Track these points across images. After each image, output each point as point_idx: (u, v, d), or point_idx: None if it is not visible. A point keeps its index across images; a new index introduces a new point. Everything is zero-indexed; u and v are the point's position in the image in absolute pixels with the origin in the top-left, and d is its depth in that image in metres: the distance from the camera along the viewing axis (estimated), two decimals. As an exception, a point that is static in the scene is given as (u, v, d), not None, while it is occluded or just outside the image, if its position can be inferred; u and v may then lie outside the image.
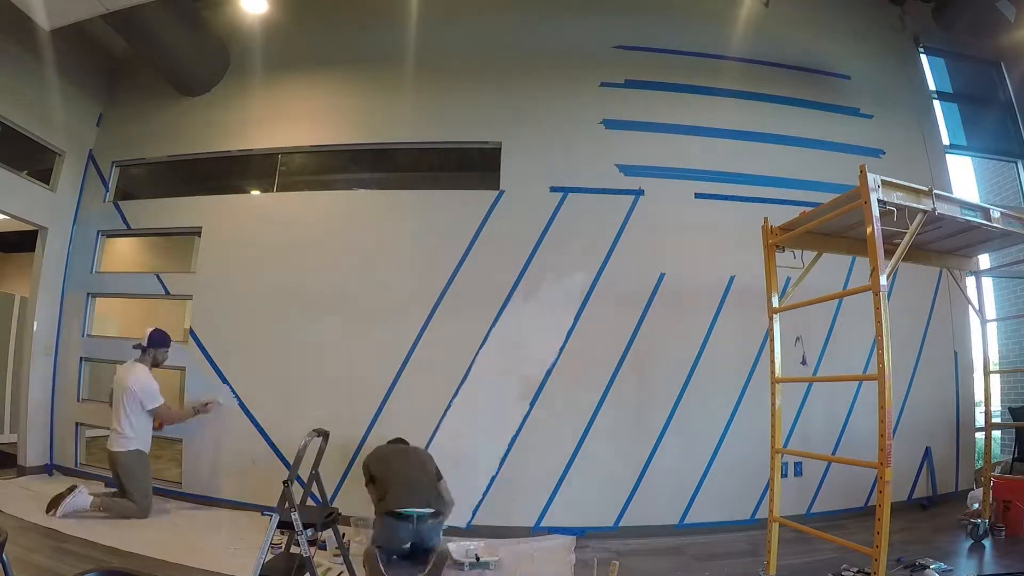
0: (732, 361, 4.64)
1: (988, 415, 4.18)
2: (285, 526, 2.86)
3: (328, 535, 3.77)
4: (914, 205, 2.83)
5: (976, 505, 4.23)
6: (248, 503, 4.50)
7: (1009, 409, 5.69)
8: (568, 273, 4.72)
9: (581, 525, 4.30)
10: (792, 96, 5.39)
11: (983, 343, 4.28)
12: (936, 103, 6.11)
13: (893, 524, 2.66)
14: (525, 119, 5.10)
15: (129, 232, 5.63)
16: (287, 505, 2.81)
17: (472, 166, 5.33)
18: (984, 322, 4.24)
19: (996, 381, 5.37)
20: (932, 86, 6.19)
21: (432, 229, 4.87)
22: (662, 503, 4.41)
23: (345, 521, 3.95)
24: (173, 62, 5.42)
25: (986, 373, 4.21)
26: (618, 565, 3.44)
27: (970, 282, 4.32)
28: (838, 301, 4.75)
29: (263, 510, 4.39)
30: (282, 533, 3.78)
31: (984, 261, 4.72)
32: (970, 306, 4.41)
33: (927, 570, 3.25)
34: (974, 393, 5.24)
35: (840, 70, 5.62)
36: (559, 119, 5.09)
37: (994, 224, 3.19)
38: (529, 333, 4.61)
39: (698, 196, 4.96)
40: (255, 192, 5.61)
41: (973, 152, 6.61)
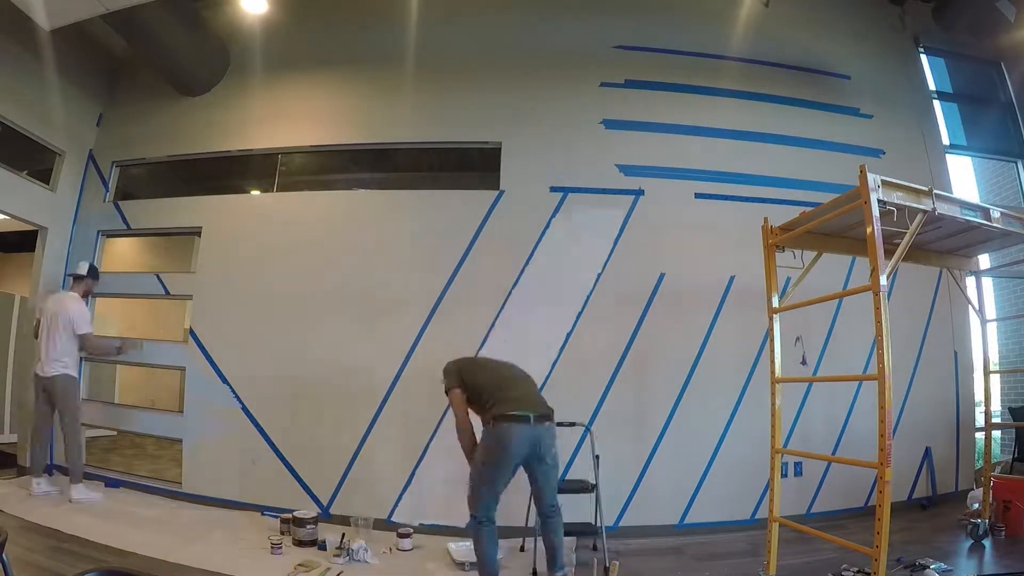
0: (732, 361, 4.64)
1: (988, 415, 4.18)
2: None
3: (328, 535, 3.78)
4: (914, 205, 2.83)
5: (976, 505, 4.23)
6: (248, 503, 4.50)
7: (1009, 409, 5.69)
8: (568, 273, 4.72)
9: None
10: (792, 96, 5.39)
11: (983, 343, 4.29)
12: (936, 103, 6.10)
13: (893, 524, 2.66)
14: (525, 119, 5.10)
15: (129, 232, 5.62)
16: None
17: (472, 166, 5.33)
18: (984, 322, 4.25)
19: (996, 381, 5.36)
20: (932, 86, 6.18)
21: (432, 229, 4.87)
22: (662, 503, 4.42)
23: (345, 521, 3.96)
24: (173, 62, 5.41)
25: (986, 373, 4.22)
26: (618, 565, 3.45)
27: (970, 282, 4.32)
28: (838, 301, 4.74)
29: (263, 510, 4.39)
30: (282, 532, 3.81)
31: (984, 261, 4.72)
32: (970, 306, 4.42)
33: (927, 570, 3.25)
34: (974, 393, 5.24)
35: (840, 70, 5.62)
36: (559, 119, 5.09)
37: (994, 224, 3.19)
38: (529, 333, 4.61)
39: (698, 196, 4.96)
40: (255, 192, 5.61)
41: (973, 152, 6.61)
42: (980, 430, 5.11)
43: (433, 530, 4.17)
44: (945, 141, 5.96)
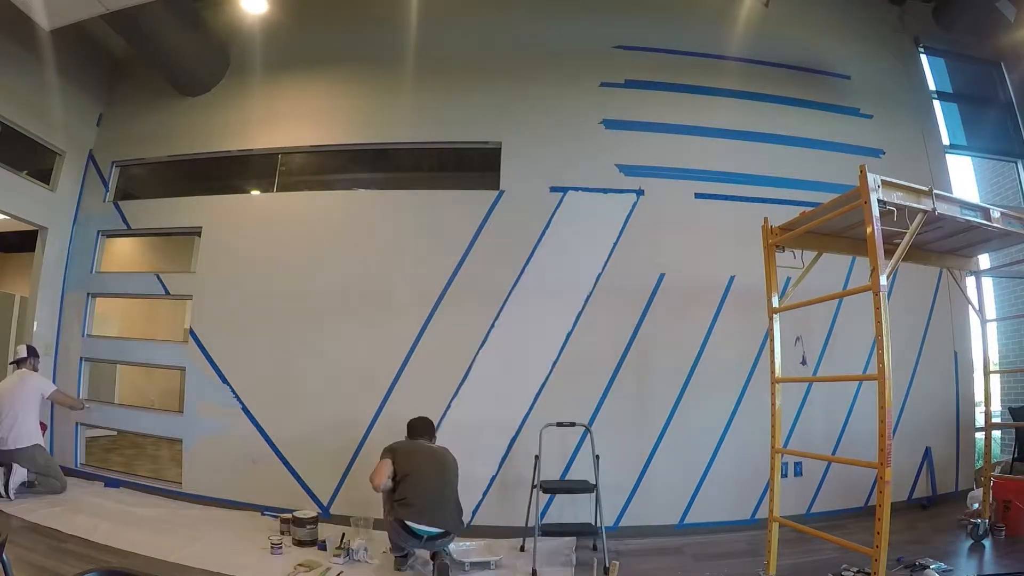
0: (732, 361, 4.64)
1: (988, 415, 4.18)
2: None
3: (328, 535, 3.78)
4: (914, 205, 2.83)
5: (976, 505, 4.22)
6: (248, 503, 4.50)
7: (1009, 409, 5.68)
8: (568, 273, 4.72)
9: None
10: (792, 96, 5.39)
11: (983, 343, 4.28)
12: (936, 103, 6.10)
13: (893, 524, 2.66)
14: (525, 119, 5.10)
15: (129, 232, 5.63)
16: None
17: (472, 166, 5.33)
18: (984, 322, 4.25)
19: (996, 381, 5.36)
20: (932, 86, 6.18)
21: (432, 229, 4.87)
22: (662, 503, 4.42)
23: (345, 521, 3.96)
24: (173, 62, 5.42)
25: (986, 373, 4.22)
26: (618, 565, 3.44)
27: (970, 282, 4.32)
28: (838, 301, 4.74)
29: (263, 510, 4.39)
30: (282, 532, 3.81)
31: (984, 261, 4.72)
32: (970, 306, 4.41)
33: (927, 570, 3.25)
34: (974, 393, 5.24)
35: (840, 70, 5.62)
36: (559, 119, 5.09)
37: (994, 224, 3.19)
38: (529, 333, 4.61)
39: (698, 196, 4.96)
40: (255, 192, 5.61)
41: (973, 152, 6.61)
42: (980, 430, 5.11)
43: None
44: (945, 141, 5.96)
